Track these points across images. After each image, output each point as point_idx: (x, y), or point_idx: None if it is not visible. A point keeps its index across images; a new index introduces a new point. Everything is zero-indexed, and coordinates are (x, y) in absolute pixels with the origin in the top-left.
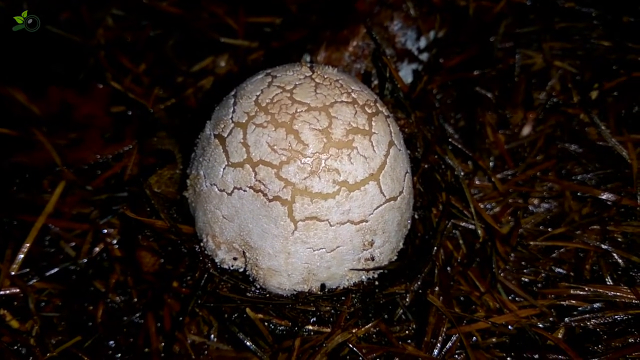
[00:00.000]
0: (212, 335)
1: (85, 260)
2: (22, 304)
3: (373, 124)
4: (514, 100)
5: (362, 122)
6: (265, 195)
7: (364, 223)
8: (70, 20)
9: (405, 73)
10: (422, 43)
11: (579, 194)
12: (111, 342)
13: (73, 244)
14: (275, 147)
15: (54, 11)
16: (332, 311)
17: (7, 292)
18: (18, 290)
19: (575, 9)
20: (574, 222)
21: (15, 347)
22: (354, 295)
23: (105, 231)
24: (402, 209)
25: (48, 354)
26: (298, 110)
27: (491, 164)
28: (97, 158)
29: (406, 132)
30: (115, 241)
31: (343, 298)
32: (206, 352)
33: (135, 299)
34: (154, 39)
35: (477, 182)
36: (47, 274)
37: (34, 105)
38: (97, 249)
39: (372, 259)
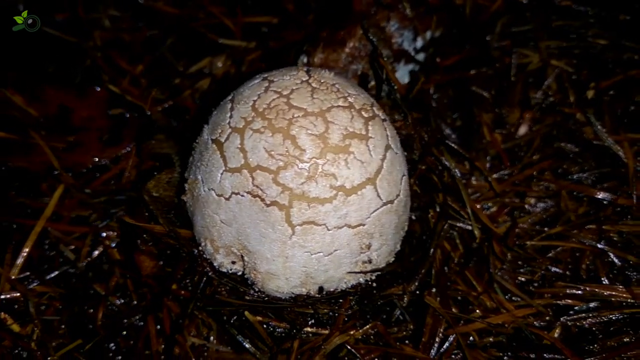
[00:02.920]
0: (212, 338)
1: (85, 264)
2: (22, 307)
3: (370, 128)
4: (511, 100)
5: (358, 126)
6: (263, 200)
7: (361, 227)
8: (67, 21)
9: (402, 74)
10: (419, 43)
11: (575, 193)
12: (112, 344)
13: (72, 247)
14: (272, 152)
15: (50, 12)
16: (330, 313)
17: (8, 296)
18: (18, 294)
19: (572, 8)
20: (570, 221)
21: (17, 351)
22: (351, 298)
23: (105, 234)
24: (399, 211)
25: (49, 358)
26: (295, 116)
27: (488, 163)
28: (95, 161)
29: (403, 133)
30: (114, 244)
31: (341, 300)
32: (206, 354)
33: (135, 302)
34: (150, 39)
35: (474, 182)
36: (47, 277)
37: (32, 107)
38: (96, 252)
39: (370, 261)
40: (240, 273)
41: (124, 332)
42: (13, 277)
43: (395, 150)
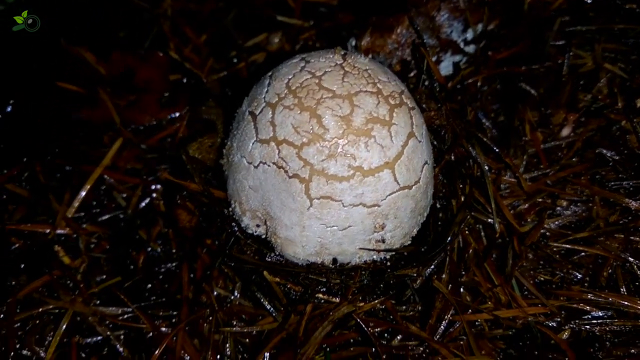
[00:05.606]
0: (236, 291)
1: (133, 211)
2: (74, 243)
3: (394, 115)
4: (558, 100)
5: (383, 112)
6: (286, 171)
7: (376, 207)
8: None
9: (448, 64)
10: (469, 35)
11: (609, 200)
12: (148, 285)
13: (124, 195)
14: (298, 128)
15: None
16: (341, 284)
17: (63, 231)
18: (71, 231)
19: (636, 11)
20: (599, 228)
21: (64, 281)
22: (363, 272)
23: (153, 187)
24: (416, 197)
25: (90, 290)
26: (323, 97)
27: (524, 161)
28: (152, 120)
29: (436, 123)
30: (160, 196)
31: (352, 273)
32: (229, 305)
33: (174, 250)
34: (215, 11)
35: (508, 178)
36: (99, 219)
37: (101, 66)
38: (144, 203)
39: (383, 241)
40: (263, 236)
41: (160, 277)
42: (69, 216)
43: (418, 139)
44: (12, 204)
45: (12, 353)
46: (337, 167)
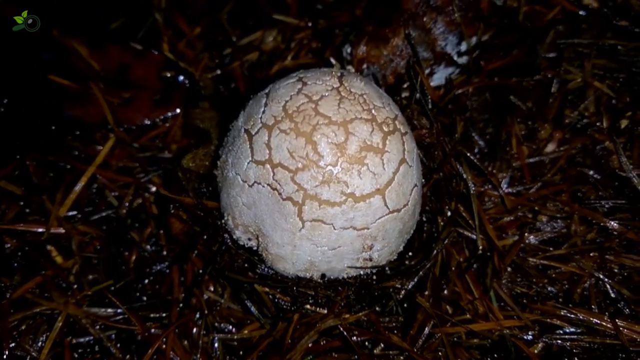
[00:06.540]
0: (225, 296)
1: (125, 211)
2: (66, 243)
3: (387, 142)
4: (546, 115)
5: (376, 140)
6: (280, 194)
7: (366, 230)
8: None
9: (440, 76)
10: (463, 47)
11: (589, 218)
12: (139, 286)
13: (116, 194)
14: (294, 153)
15: None
16: (329, 298)
17: (55, 231)
18: (64, 231)
19: (628, 28)
20: (575, 245)
21: (57, 281)
22: (349, 288)
23: (145, 187)
24: (404, 219)
25: (83, 293)
26: (319, 123)
27: (509, 175)
28: (146, 120)
29: (427, 141)
30: (152, 198)
31: (339, 288)
32: (218, 308)
33: (165, 252)
34: (211, 2)
35: (491, 191)
36: (91, 218)
37: (94, 60)
38: (136, 203)
39: (371, 259)
40: (254, 249)
41: (151, 277)
42: (62, 215)
43: (409, 164)
44: (4, 203)
45: (7, 353)
46: (330, 193)
